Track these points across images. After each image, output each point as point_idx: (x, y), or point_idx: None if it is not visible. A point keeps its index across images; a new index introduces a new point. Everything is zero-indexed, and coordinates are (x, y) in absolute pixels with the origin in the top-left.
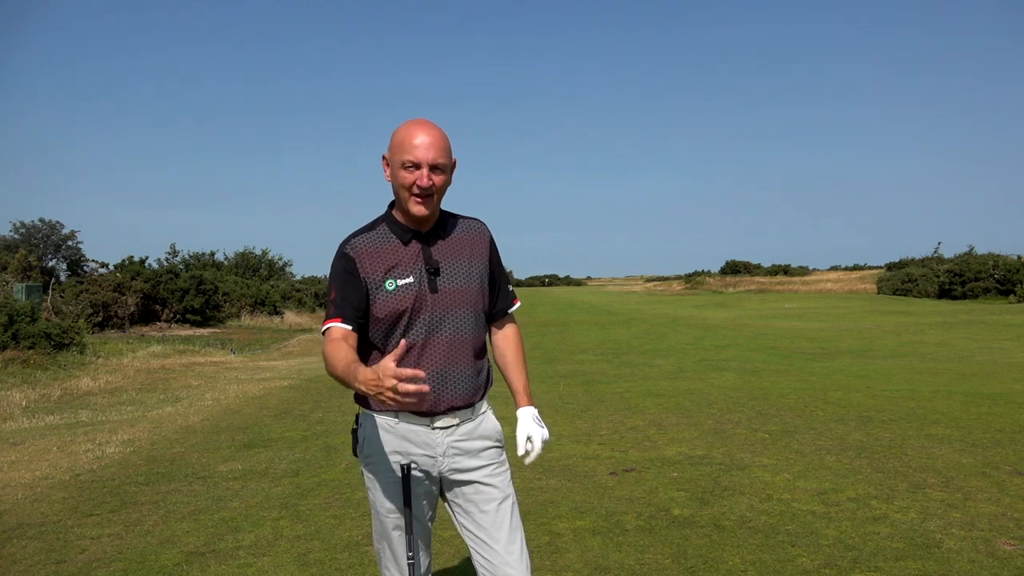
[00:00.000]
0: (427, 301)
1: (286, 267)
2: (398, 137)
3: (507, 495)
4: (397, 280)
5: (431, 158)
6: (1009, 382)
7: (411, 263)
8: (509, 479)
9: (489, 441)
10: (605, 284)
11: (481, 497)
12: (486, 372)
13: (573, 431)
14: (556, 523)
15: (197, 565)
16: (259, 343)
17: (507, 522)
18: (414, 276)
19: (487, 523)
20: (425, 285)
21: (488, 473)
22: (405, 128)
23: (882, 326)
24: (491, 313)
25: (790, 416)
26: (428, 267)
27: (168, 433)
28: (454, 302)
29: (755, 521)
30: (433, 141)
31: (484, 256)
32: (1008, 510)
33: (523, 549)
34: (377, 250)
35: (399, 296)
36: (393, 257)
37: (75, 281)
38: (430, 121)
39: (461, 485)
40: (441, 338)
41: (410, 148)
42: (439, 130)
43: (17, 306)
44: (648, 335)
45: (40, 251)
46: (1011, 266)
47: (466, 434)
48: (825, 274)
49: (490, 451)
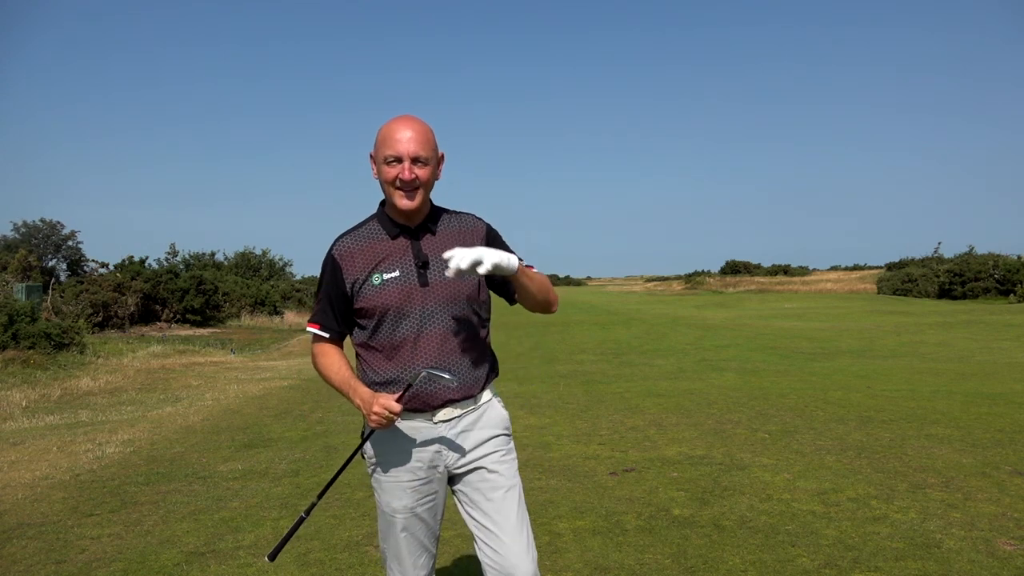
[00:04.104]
0: (416, 295)
1: (286, 267)
2: (381, 134)
3: (513, 484)
4: (384, 274)
5: (412, 151)
6: (1009, 382)
7: (398, 257)
8: (516, 469)
9: (496, 429)
10: (605, 284)
11: (487, 485)
12: (488, 363)
13: (573, 431)
14: (556, 523)
15: (197, 565)
16: (259, 343)
17: (514, 511)
18: (401, 270)
19: (493, 511)
20: (414, 279)
21: (495, 460)
22: (387, 125)
23: (882, 326)
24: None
25: (790, 416)
26: (416, 261)
27: (168, 433)
28: (446, 296)
29: (755, 521)
30: (414, 135)
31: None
32: (1008, 510)
33: (530, 541)
34: (363, 247)
35: (386, 290)
36: (380, 252)
37: (75, 281)
38: (413, 116)
39: (467, 474)
40: (434, 332)
41: (391, 143)
42: (421, 124)
43: (17, 306)
44: (648, 335)
45: (40, 251)
46: (1011, 266)
47: (470, 424)
48: (825, 274)
49: (496, 439)
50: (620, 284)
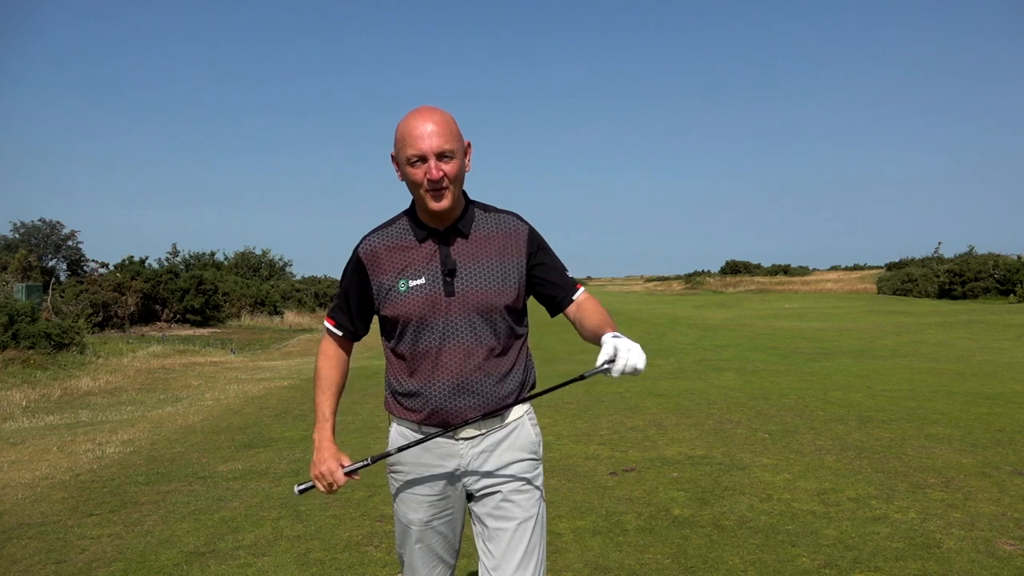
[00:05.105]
0: (441, 305)
1: (286, 267)
2: (400, 132)
3: (530, 515)
4: (409, 281)
5: (436, 146)
6: (1009, 382)
7: (425, 263)
8: (538, 498)
9: (522, 453)
10: (605, 284)
11: (501, 513)
12: (519, 379)
13: (573, 431)
14: (556, 523)
15: (197, 565)
16: (259, 343)
17: (522, 545)
18: (427, 277)
19: (500, 541)
20: (440, 288)
21: (514, 488)
22: (405, 121)
23: (882, 326)
24: (557, 307)
25: (790, 416)
26: (443, 268)
27: (168, 433)
28: (473, 306)
29: (755, 521)
30: (436, 128)
31: (520, 254)
32: (1008, 510)
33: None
34: (390, 249)
35: (410, 298)
36: (407, 256)
37: (75, 281)
38: (431, 106)
39: (484, 497)
40: (457, 345)
41: (412, 141)
42: (441, 114)
43: (17, 306)
44: (648, 335)
45: (40, 251)
46: (1011, 266)
47: (493, 444)
48: (825, 274)
49: (520, 464)
50: (620, 284)
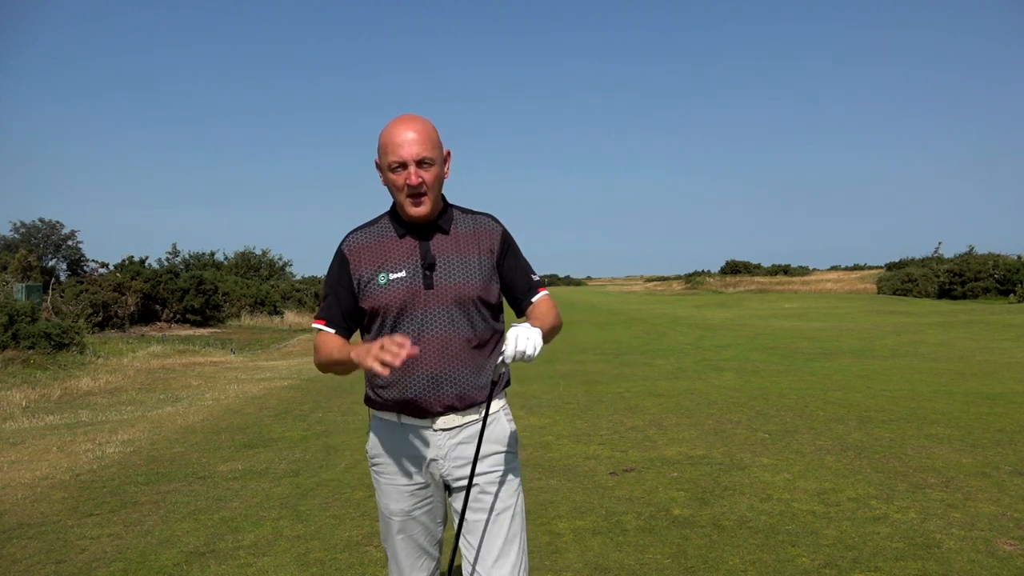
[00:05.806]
0: (420, 297)
1: (286, 267)
2: (382, 139)
3: (508, 506)
4: (389, 274)
5: (415, 154)
6: (1009, 382)
7: (405, 257)
8: (515, 489)
9: (498, 446)
10: (605, 284)
11: (478, 505)
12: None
13: (573, 431)
14: (556, 523)
15: (197, 565)
16: (259, 343)
17: (501, 535)
18: (407, 270)
19: (479, 533)
20: (419, 280)
21: (491, 480)
22: (387, 129)
23: (882, 326)
24: (519, 308)
25: (790, 416)
26: (423, 262)
27: (168, 433)
28: (452, 298)
29: (755, 521)
30: (416, 136)
31: (493, 251)
32: (1008, 510)
33: (515, 566)
34: (372, 244)
35: (390, 290)
36: (388, 251)
37: (75, 281)
38: (413, 115)
39: (462, 490)
40: (434, 335)
41: (393, 148)
42: (422, 122)
43: (17, 306)
44: (648, 335)
45: (40, 251)
46: (1011, 266)
47: (470, 437)
48: (825, 274)
49: (497, 456)
50: (620, 284)
